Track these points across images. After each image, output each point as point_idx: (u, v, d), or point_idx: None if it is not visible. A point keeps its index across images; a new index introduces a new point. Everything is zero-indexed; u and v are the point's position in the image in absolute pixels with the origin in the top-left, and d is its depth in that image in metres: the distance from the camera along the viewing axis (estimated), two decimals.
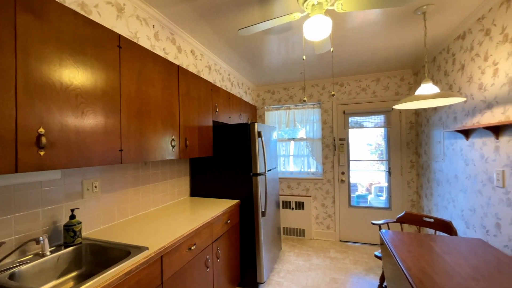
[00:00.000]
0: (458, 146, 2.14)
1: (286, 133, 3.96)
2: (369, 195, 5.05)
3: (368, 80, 3.42)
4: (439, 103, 1.77)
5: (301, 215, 3.62)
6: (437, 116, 2.56)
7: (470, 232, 1.99)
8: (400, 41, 2.37)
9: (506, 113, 1.56)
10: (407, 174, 3.26)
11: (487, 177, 1.75)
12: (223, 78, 2.95)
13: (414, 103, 1.87)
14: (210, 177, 2.48)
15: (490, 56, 1.71)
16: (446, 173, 2.37)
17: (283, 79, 3.59)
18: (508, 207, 1.55)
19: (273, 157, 2.92)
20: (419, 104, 1.86)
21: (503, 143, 1.59)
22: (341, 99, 3.55)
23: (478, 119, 1.86)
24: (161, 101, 1.68)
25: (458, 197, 2.16)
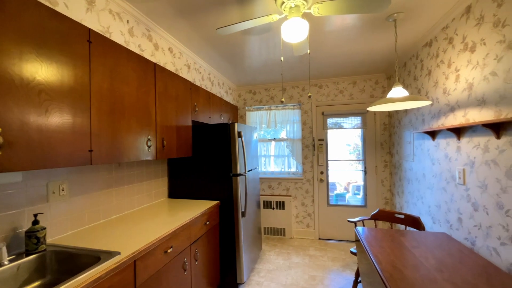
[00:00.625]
0: (426, 147, 2.28)
1: (268, 133, 3.98)
2: (347, 194, 5.23)
3: (345, 83, 3.55)
4: (408, 106, 1.88)
5: (282, 214, 3.66)
6: (407, 118, 2.71)
7: (436, 226, 2.13)
8: (374, 46, 2.49)
9: (466, 115, 1.69)
10: (381, 173, 3.42)
11: (451, 175, 1.89)
12: (203, 77, 2.91)
13: (385, 106, 1.97)
14: (189, 178, 2.43)
15: (452, 63, 1.84)
16: (416, 172, 2.52)
17: (264, 79, 3.61)
18: (468, 202, 1.68)
19: (254, 157, 2.93)
20: (390, 107, 1.96)
21: (463, 143, 1.72)
22: (320, 101, 3.64)
23: (442, 121, 1.99)
24: (136, 99, 1.61)
25: (425, 194, 2.30)
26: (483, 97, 1.52)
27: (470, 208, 1.66)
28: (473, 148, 1.62)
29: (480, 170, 1.55)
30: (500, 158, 1.39)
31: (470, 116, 1.65)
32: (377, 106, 1.95)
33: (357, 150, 3.75)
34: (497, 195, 1.41)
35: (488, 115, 1.48)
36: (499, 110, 1.40)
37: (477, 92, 1.58)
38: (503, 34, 1.36)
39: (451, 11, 1.81)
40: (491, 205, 1.46)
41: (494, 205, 1.44)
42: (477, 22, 1.57)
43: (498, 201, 1.41)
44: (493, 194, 1.44)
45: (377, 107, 1.98)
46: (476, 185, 1.60)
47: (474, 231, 1.62)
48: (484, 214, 1.53)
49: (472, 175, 1.63)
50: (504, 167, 1.36)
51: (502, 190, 1.38)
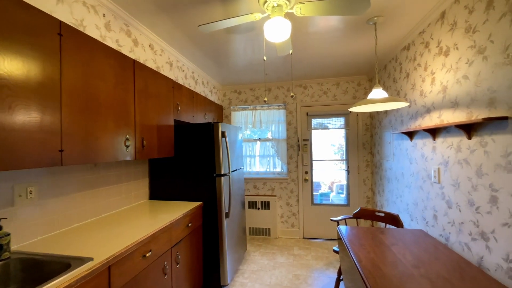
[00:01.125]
0: (404, 147, 2.37)
1: (253, 133, 3.97)
2: (331, 193, 5.34)
3: (329, 84, 3.61)
4: (386, 107, 1.94)
5: (267, 214, 3.66)
6: (387, 119, 2.80)
7: (413, 223, 2.21)
8: (356, 49, 2.55)
9: (441, 117, 1.76)
10: (363, 172, 3.51)
11: (427, 174, 1.97)
12: (186, 75, 2.85)
13: (365, 107, 2.02)
14: (171, 179, 2.36)
15: (428, 66, 1.92)
16: (395, 171, 2.60)
17: (249, 79, 3.60)
18: (442, 200, 1.76)
19: (239, 158, 2.90)
20: (370, 107, 2.01)
21: (438, 143, 1.80)
22: (305, 101, 3.68)
23: (419, 122, 2.07)
24: (113, 97, 1.54)
25: (404, 192, 2.39)
26: (456, 100, 1.59)
27: (445, 206, 1.73)
28: (447, 148, 1.70)
29: (454, 169, 1.62)
30: (471, 158, 1.46)
31: (445, 117, 1.72)
32: (358, 107, 2.00)
33: (340, 150, 3.82)
34: (469, 193, 1.48)
35: (461, 116, 1.55)
36: (470, 112, 1.47)
37: (450, 95, 1.65)
38: (473, 40, 1.43)
39: (427, 16, 1.89)
40: (463, 202, 1.53)
41: (466, 203, 1.51)
42: (450, 27, 1.64)
43: (470, 199, 1.48)
44: (465, 192, 1.52)
45: (358, 107, 2.03)
46: (450, 184, 1.67)
47: (448, 227, 1.69)
48: (457, 211, 1.60)
49: (446, 174, 1.70)
50: (474, 166, 1.43)
51: (473, 188, 1.45)
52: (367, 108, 2.03)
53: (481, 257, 1.38)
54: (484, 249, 1.36)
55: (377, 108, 2.00)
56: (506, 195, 1.21)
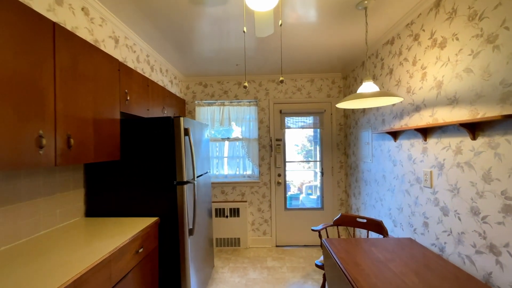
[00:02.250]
0: (386, 147, 2.22)
1: (219, 132, 3.54)
2: (301, 195, 5.20)
3: (303, 80, 3.39)
4: (380, 103, 1.73)
5: (237, 222, 3.28)
6: (365, 118, 2.66)
7: (397, 230, 2.06)
8: (331, 44, 2.33)
9: (434, 115, 1.61)
10: (337, 174, 3.38)
11: (415, 178, 1.82)
12: (139, 58, 2.30)
13: (354, 103, 1.79)
14: (116, 189, 1.82)
15: (418, 60, 1.77)
16: (374, 173, 2.46)
17: (217, 71, 3.17)
18: (435, 207, 1.61)
19: (205, 160, 2.47)
20: (359, 104, 1.79)
21: (431, 144, 1.65)
22: (278, 98, 3.40)
23: (406, 121, 1.93)
24: (12, 72, 1.00)
25: (386, 196, 2.25)
26: (455, 96, 1.44)
27: (439, 213, 1.58)
28: (442, 150, 1.54)
29: (451, 173, 1.47)
30: (476, 161, 1.30)
31: (439, 115, 1.57)
32: (346, 102, 1.75)
33: (315, 151, 3.64)
34: (472, 200, 1.33)
35: (462, 114, 1.39)
36: (475, 109, 1.31)
37: (447, 91, 1.50)
38: (480, 28, 1.27)
39: (417, 6, 1.73)
40: (464, 210, 1.38)
41: (468, 211, 1.35)
42: (448, 16, 1.49)
43: (473, 206, 1.32)
44: (467, 199, 1.36)
45: (347, 103, 1.78)
46: (445, 189, 1.52)
47: (443, 237, 1.54)
48: (455, 219, 1.44)
49: (441, 178, 1.55)
50: (480, 170, 1.27)
51: (478, 195, 1.29)
52: (356, 104, 1.80)
53: (489, 273, 1.22)
54: (494, 264, 1.20)
55: (367, 104, 1.78)
56: None
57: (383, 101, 1.68)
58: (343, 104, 1.78)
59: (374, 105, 1.74)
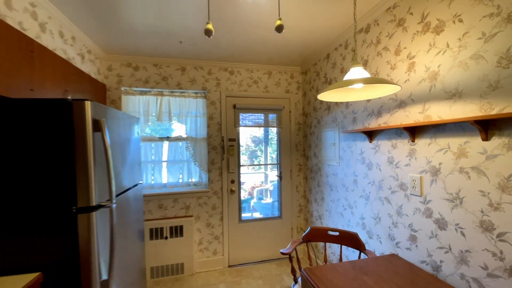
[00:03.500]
0: (359, 149, 1.98)
1: (157, 130, 2.78)
2: (252, 200, 4.80)
3: (260, 72, 2.96)
4: (371, 94, 1.41)
5: (179, 244, 2.60)
6: (330, 116, 2.41)
7: (373, 242, 1.82)
8: (288, 31, 1.97)
9: (427, 111, 1.38)
10: (296, 177, 3.07)
11: (398, 184, 1.59)
12: (14, 4, 1.41)
13: (339, 94, 1.42)
14: None
15: (403, 49, 1.54)
16: (342, 178, 2.21)
17: (153, 49, 2.42)
18: (427, 218, 1.38)
19: (135, 167, 1.75)
20: (346, 96, 1.44)
21: (421, 146, 1.42)
22: (231, 90, 2.87)
23: (386, 119, 1.69)
24: None
25: (358, 203, 2.00)
26: (458, 88, 1.21)
27: (432, 225, 1.35)
28: (437, 152, 1.32)
29: (451, 179, 1.24)
30: (489, 165, 1.08)
31: (434, 112, 1.34)
32: (329, 92, 1.37)
33: (273, 152, 3.26)
34: (482, 213, 1.11)
35: (468, 110, 1.17)
36: (487, 104, 1.09)
37: (446, 82, 1.27)
38: (496, 5, 1.05)
39: None
40: (471, 224, 1.16)
41: (476, 225, 1.13)
42: None
43: (484, 221, 1.10)
44: (475, 211, 1.14)
45: (330, 94, 1.40)
46: (442, 198, 1.29)
47: (438, 254, 1.32)
48: (456, 234, 1.22)
49: (436, 185, 1.33)
50: (495, 176, 1.06)
51: (492, 207, 1.07)
52: (342, 96, 1.44)
53: None
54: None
55: (355, 97, 1.44)
56: None
57: (376, 92, 1.36)
58: (325, 95, 1.39)
59: (363, 97, 1.41)
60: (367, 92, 1.35)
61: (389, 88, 1.24)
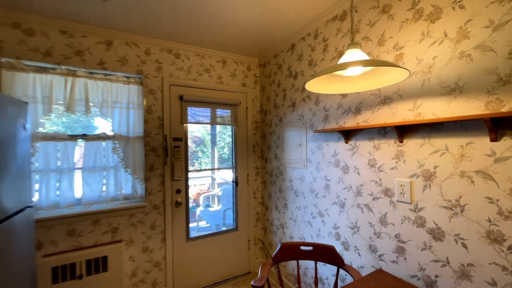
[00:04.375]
0: (332, 150, 1.78)
1: (68, 125, 1.98)
2: (198, 208, 4.22)
3: (213, 60, 2.50)
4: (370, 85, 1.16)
5: (102, 282, 1.89)
6: (296, 114, 2.16)
7: (350, 255, 1.64)
8: (245, 17, 1.64)
9: (418, 109, 1.24)
10: (253, 182, 2.73)
11: (381, 189, 1.42)
12: None
13: (335, 84, 1.14)
14: None
15: (389, 39, 1.38)
16: (311, 182, 1.98)
17: (60, 8, 1.66)
18: (419, 228, 1.23)
19: (16, 180, 1.06)
20: (341, 87, 1.16)
21: (411, 147, 1.27)
22: (177, 78, 2.31)
23: (366, 117, 1.51)
24: None
25: (330, 211, 1.79)
26: (458, 83, 1.08)
27: (425, 236, 1.21)
28: (432, 154, 1.18)
29: (449, 184, 1.11)
30: (498, 169, 0.96)
31: (427, 109, 1.20)
32: (319, 79, 1.07)
33: (228, 155, 2.82)
34: (490, 222, 0.99)
35: (472, 107, 1.04)
36: (496, 100, 0.97)
37: (443, 76, 1.14)
38: None
39: None
40: (475, 234, 1.03)
41: (482, 236, 1.01)
42: None
43: (492, 230, 0.98)
44: (480, 220, 1.02)
45: (319, 83, 1.10)
46: (438, 205, 1.16)
47: (433, 267, 1.18)
48: (456, 246, 1.09)
49: (430, 190, 1.19)
50: (507, 181, 0.94)
51: (502, 215, 0.95)
52: (334, 86, 1.15)
53: None
54: None
55: (351, 88, 1.17)
56: None
57: (378, 81, 1.12)
58: (315, 84, 1.09)
59: (361, 88, 1.16)
60: (367, 81, 1.10)
61: (395, 74, 1.01)
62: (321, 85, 1.15)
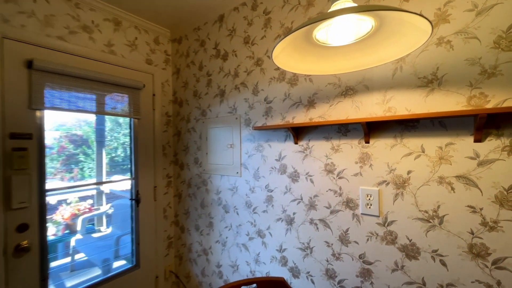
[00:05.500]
0: (276, 153, 1.41)
1: None
2: (73, 237, 2.94)
3: (100, 16, 1.63)
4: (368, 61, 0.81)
5: None
6: (226, 105, 1.67)
7: (301, 283, 1.31)
8: None
9: (388, 103, 1.03)
10: (162, 197, 2.02)
11: (342, 200, 1.16)
12: None
13: (320, 60, 0.73)
14: None
15: None
16: (247, 194, 1.55)
17: None
18: (389, 245, 1.03)
19: None
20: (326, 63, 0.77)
21: (380, 149, 1.06)
22: (21, 27, 1.32)
23: (322, 111, 1.23)
24: None
25: (274, 229, 1.42)
26: (437, 73, 0.93)
27: (397, 254, 1.02)
28: (406, 157, 0.99)
29: (425, 192, 0.95)
30: (482, 174, 0.85)
31: (399, 103, 1.01)
32: (288, 42, 0.66)
33: (124, 159, 1.95)
34: (472, 234, 0.86)
35: (452, 101, 0.90)
36: (480, 94, 0.85)
37: (418, 64, 0.97)
38: None
39: None
40: (455, 250, 0.89)
41: (464, 251, 0.88)
42: None
43: (475, 244, 0.86)
44: (461, 232, 0.88)
45: (289, 52, 0.68)
46: (411, 217, 0.98)
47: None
48: (433, 264, 0.93)
49: (403, 200, 1.00)
50: (491, 188, 0.83)
51: (486, 226, 0.84)
52: (316, 61, 0.75)
53: None
54: None
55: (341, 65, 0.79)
56: None
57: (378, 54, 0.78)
58: (284, 55, 0.66)
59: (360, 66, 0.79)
60: (365, 54, 0.76)
61: (409, 35, 0.65)
62: (295, 60, 0.74)
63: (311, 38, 0.70)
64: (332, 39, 0.73)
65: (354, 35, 0.70)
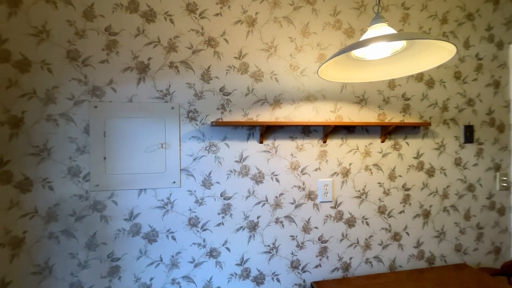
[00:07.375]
0: (237, 153, 1.22)
1: None
2: None
3: None
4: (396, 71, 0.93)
5: None
6: (150, 87, 1.14)
7: (266, 287, 1.26)
8: None
9: (338, 111, 1.33)
10: None
11: (305, 194, 1.30)
12: None
13: (354, 70, 0.81)
14: None
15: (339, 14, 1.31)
16: (191, 208, 1.18)
17: None
18: (338, 222, 1.33)
19: None
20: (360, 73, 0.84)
21: (333, 147, 1.32)
22: None
23: (287, 112, 1.28)
24: None
25: (233, 242, 1.22)
26: (364, 95, 1.36)
27: (342, 227, 1.34)
28: (348, 153, 1.34)
29: (359, 177, 1.35)
30: (384, 162, 1.38)
31: (345, 112, 1.34)
32: (331, 62, 0.74)
33: None
34: (379, 200, 1.38)
35: (371, 116, 1.37)
36: (383, 113, 1.38)
37: (355, 86, 1.35)
38: None
39: None
40: (372, 212, 1.37)
41: (376, 211, 1.37)
42: None
43: (380, 205, 1.38)
44: (375, 200, 1.37)
45: (330, 66, 0.75)
46: (351, 196, 1.35)
47: (349, 252, 1.34)
48: (362, 226, 1.36)
49: (347, 185, 1.34)
50: (387, 170, 1.39)
51: (386, 194, 1.38)
52: (351, 71, 0.82)
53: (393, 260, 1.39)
54: (398, 249, 1.40)
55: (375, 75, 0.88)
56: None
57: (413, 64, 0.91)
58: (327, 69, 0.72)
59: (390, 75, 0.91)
60: (395, 66, 0.93)
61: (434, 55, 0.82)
62: (334, 71, 0.80)
63: (349, 54, 0.80)
64: (369, 55, 0.87)
65: (390, 50, 0.87)
